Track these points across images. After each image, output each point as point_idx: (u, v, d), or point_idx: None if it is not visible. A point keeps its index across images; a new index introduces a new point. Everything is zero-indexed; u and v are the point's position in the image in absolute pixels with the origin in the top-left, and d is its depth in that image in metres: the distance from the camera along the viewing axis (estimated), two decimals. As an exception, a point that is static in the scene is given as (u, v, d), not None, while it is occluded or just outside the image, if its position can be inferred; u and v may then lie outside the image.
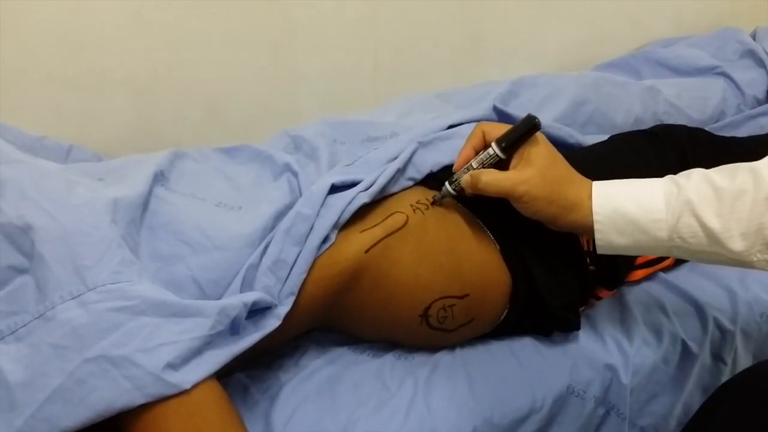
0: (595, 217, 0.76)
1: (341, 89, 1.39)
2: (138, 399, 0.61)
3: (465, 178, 0.83)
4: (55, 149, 1.02)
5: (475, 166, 0.82)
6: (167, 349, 0.63)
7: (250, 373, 0.85)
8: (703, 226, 0.71)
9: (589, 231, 0.77)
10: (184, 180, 0.84)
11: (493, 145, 0.81)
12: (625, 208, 0.75)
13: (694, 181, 0.74)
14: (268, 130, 1.13)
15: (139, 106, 1.22)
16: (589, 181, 0.80)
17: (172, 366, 0.62)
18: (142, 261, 0.72)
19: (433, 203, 0.87)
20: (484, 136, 0.83)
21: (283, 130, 1.07)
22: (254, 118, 1.33)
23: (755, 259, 0.70)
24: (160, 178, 0.81)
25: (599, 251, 0.79)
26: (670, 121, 1.29)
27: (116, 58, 1.16)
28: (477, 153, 0.84)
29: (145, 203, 0.75)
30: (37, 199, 0.68)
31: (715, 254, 0.73)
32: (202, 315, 0.66)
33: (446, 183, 0.86)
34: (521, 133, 0.81)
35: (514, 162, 0.81)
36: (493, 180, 0.79)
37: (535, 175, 0.78)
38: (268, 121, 1.31)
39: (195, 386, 0.63)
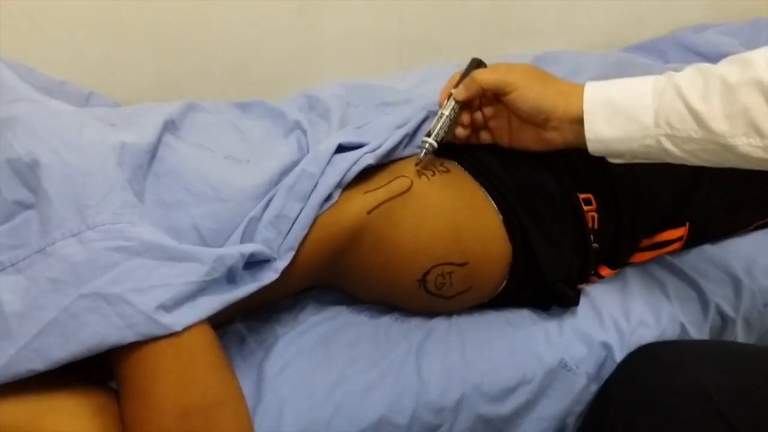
0: (585, 106, 0.77)
1: (365, 56, 1.39)
2: (129, 337, 0.62)
3: (458, 89, 0.86)
4: (75, 95, 1.04)
5: (446, 113, 0.86)
6: (160, 290, 0.64)
7: (248, 324, 0.86)
8: (689, 108, 0.72)
9: (581, 123, 0.78)
10: (195, 130, 0.85)
11: (453, 91, 0.87)
12: (614, 95, 0.76)
13: (687, 70, 0.75)
14: (288, 92, 1.14)
15: (161, 58, 1.24)
16: None
17: (165, 307, 0.64)
18: (146, 206, 0.73)
19: (417, 164, 0.86)
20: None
21: (300, 91, 1.07)
22: (275, 79, 1.34)
23: (740, 143, 0.70)
24: (170, 126, 0.82)
25: (590, 148, 0.79)
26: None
27: (142, 8, 1.17)
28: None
29: (153, 150, 0.76)
30: (46, 138, 0.69)
31: (704, 142, 0.72)
32: (198, 261, 0.68)
33: (423, 138, 0.86)
34: (469, 71, 0.89)
35: None
36: (486, 74, 0.84)
37: (522, 68, 0.83)
38: (289, 82, 1.32)
39: (186, 329, 0.65)
